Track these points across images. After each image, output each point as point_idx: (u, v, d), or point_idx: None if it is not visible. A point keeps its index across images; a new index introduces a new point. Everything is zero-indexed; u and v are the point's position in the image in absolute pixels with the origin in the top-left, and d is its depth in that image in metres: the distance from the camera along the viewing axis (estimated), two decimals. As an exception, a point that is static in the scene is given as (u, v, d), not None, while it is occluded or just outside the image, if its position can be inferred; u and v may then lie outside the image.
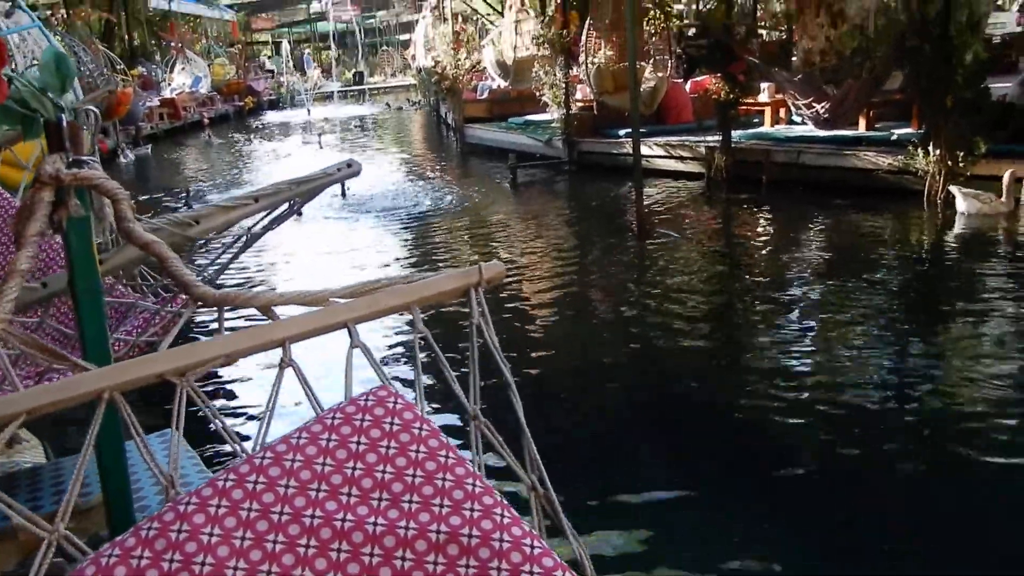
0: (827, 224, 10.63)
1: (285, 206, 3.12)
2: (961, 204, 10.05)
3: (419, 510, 1.78)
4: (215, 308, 2.12)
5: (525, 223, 12.04)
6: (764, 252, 9.64)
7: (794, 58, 15.47)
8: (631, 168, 11.04)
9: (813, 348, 6.29)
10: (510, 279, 8.39)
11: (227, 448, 4.34)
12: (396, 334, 6.63)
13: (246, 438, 3.30)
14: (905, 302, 7.37)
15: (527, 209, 13.26)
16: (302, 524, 1.75)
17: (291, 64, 45.76)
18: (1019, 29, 18.83)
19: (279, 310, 2.14)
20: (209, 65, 33.26)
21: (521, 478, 2.18)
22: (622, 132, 14.87)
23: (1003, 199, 9.73)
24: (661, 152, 14.32)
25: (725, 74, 12.87)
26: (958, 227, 9.77)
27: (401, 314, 2.12)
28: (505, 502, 1.82)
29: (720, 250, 9.84)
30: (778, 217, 11.29)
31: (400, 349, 6.42)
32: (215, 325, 2.15)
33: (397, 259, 10.24)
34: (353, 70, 51.06)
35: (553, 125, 16.72)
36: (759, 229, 10.94)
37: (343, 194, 13.42)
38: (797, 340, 6.46)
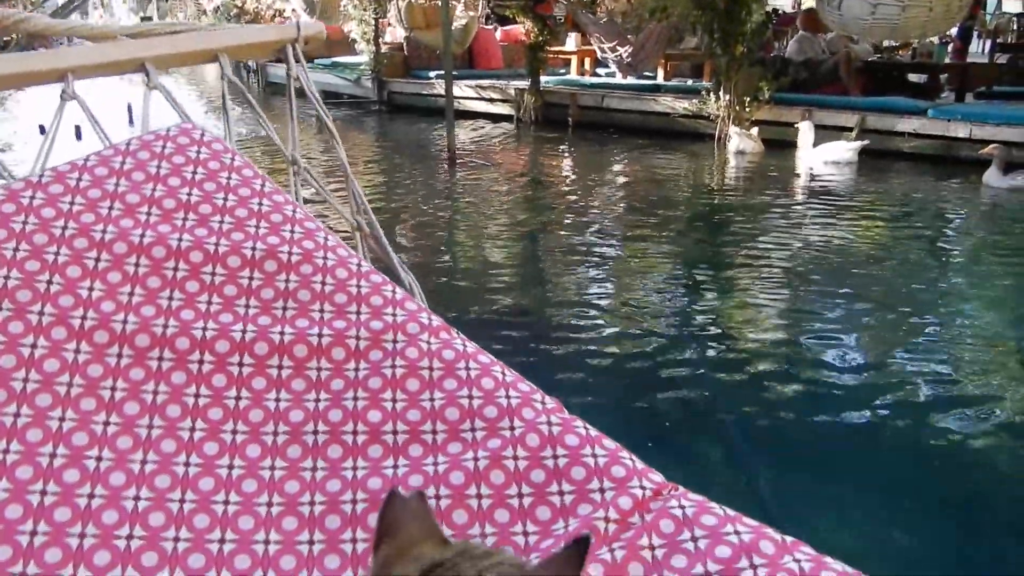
0: (627, 161, 11.14)
1: None
2: (736, 143, 10.90)
3: (232, 230, 1.61)
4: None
5: (331, 155, 11.63)
6: (568, 185, 9.93)
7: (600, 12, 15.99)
8: (442, 110, 10.98)
9: (606, 269, 6.58)
10: (314, 208, 8.05)
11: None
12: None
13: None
14: (692, 229, 7.85)
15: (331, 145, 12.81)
16: (91, 239, 1.53)
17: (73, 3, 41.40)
18: (792, 11, 20.75)
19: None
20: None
21: (347, 219, 2.06)
22: (433, 74, 14.74)
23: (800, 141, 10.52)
24: (472, 93, 14.34)
25: (534, 15, 13.08)
26: (733, 163, 10.58)
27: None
28: (325, 227, 1.68)
29: (527, 183, 10.03)
30: (582, 155, 11.69)
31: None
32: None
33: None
34: (140, 15, 47.21)
35: (362, 67, 16.27)
36: (565, 165, 11.26)
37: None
38: (592, 260, 6.73)
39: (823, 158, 9.99)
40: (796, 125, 10.37)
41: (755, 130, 11.03)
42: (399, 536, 0.70)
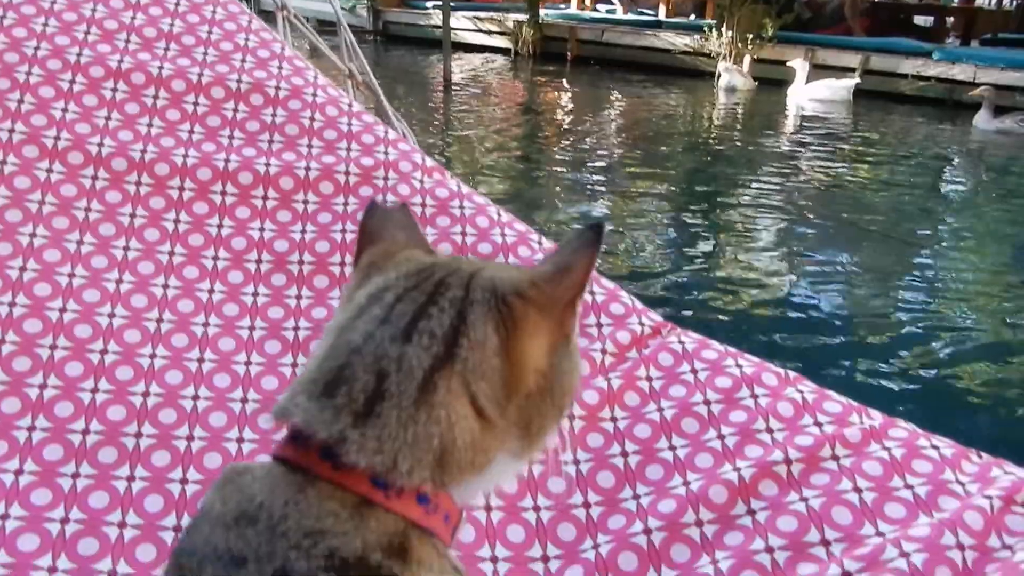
0: (624, 97, 10.97)
1: None
2: (725, 80, 10.73)
3: (216, 62, 1.53)
4: None
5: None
6: (565, 119, 9.78)
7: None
8: (437, 41, 10.77)
9: (599, 197, 6.50)
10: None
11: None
12: None
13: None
14: (684, 163, 7.76)
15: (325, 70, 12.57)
16: (65, 61, 1.45)
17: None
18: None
19: None
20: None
21: (337, 64, 1.98)
22: (429, 4, 14.40)
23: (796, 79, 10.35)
24: (469, 25, 14.03)
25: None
26: (723, 100, 10.44)
27: None
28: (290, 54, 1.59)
29: (524, 115, 9.88)
30: (580, 90, 11.50)
31: None
32: None
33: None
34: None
35: (357, -5, 15.90)
36: (562, 99, 11.08)
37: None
38: (586, 189, 6.65)
39: (812, 96, 9.84)
40: (789, 63, 10.19)
41: (747, 66, 10.84)
42: (383, 243, 0.64)
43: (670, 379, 1.20)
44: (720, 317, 4.10)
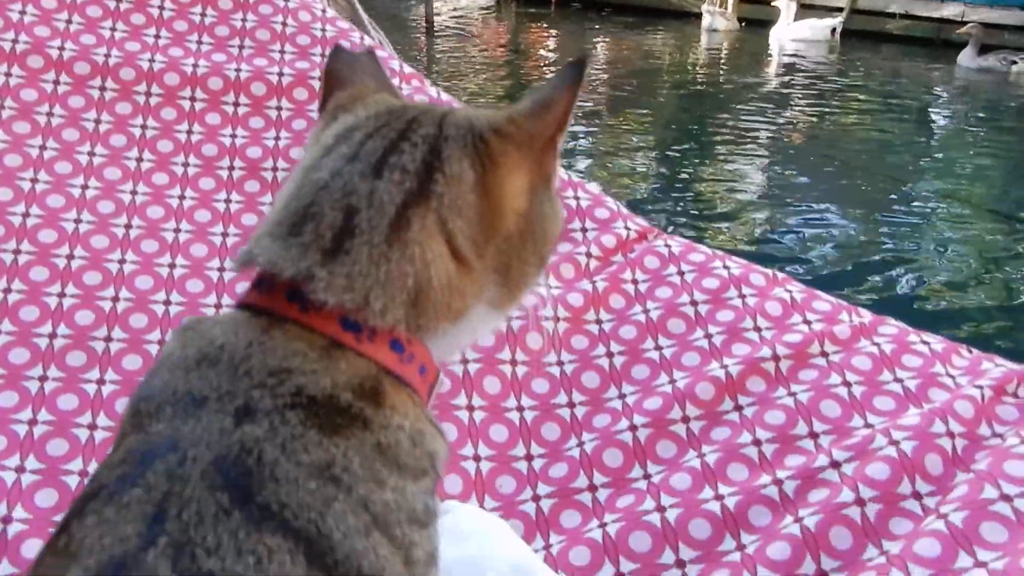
0: (609, 38, 10.79)
1: None
2: (708, 21, 10.59)
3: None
4: None
5: None
6: (549, 60, 9.62)
7: None
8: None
9: (587, 138, 6.42)
10: None
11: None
12: None
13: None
14: (669, 103, 7.68)
15: None
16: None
17: None
18: None
19: None
20: None
21: None
22: (411, -56, 14.06)
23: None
24: (451, -34, 13.72)
25: None
26: (704, 41, 10.31)
27: None
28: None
29: (508, 56, 9.72)
30: (564, 32, 11.30)
31: None
32: None
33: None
34: None
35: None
36: (546, 41, 10.90)
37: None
38: (570, 129, 6.55)
39: (794, 36, 9.72)
40: (774, 3, 10.04)
41: (731, 7, 10.68)
42: (352, 86, 0.60)
43: (656, 281, 1.18)
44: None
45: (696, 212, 4.76)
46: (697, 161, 5.73)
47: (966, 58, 8.57)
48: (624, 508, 0.94)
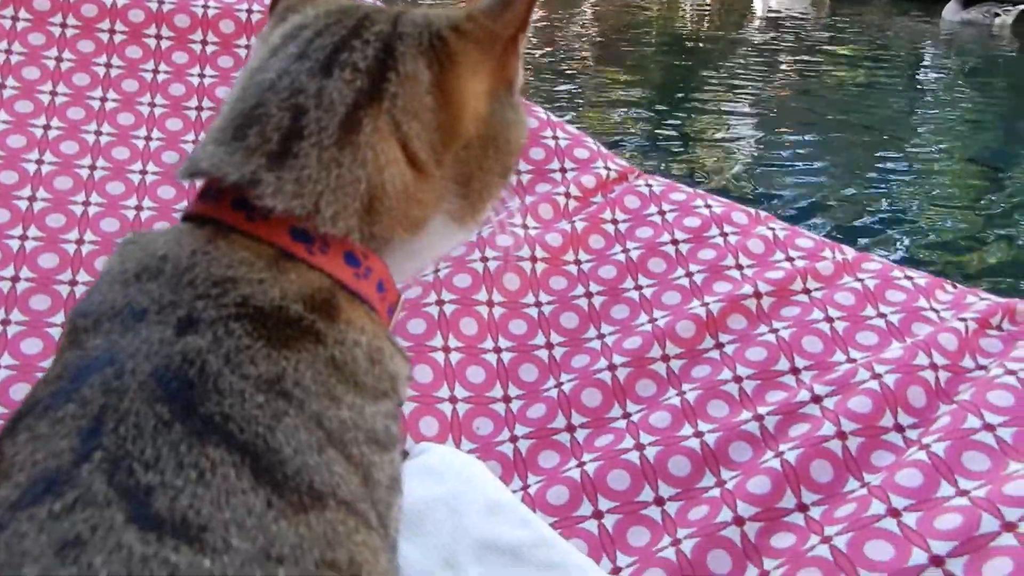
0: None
1: None
2: None
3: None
4: None
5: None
6: (533, 16, 9.49)
7: None
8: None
9: (572, 95, 6.36)
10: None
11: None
12: None
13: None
14: (655, 61, 7.61)
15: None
16: None
17: None
18: None
19: None
20: None
21: None
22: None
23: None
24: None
25: None
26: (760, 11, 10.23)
27: None
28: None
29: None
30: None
31: None
32: None
33: None
34: None
35: None
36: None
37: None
38: (555, 85, 6.50)
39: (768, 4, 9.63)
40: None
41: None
42: None
43: (637, 221, 1.15)
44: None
45: (683, 163, 4.73)
46: (683, 115, 5.68)
47: (950, 11, 8.51)
48: (603, 447, 0.92)
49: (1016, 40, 8.01)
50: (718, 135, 5.33)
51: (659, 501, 0.87)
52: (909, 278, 1.03)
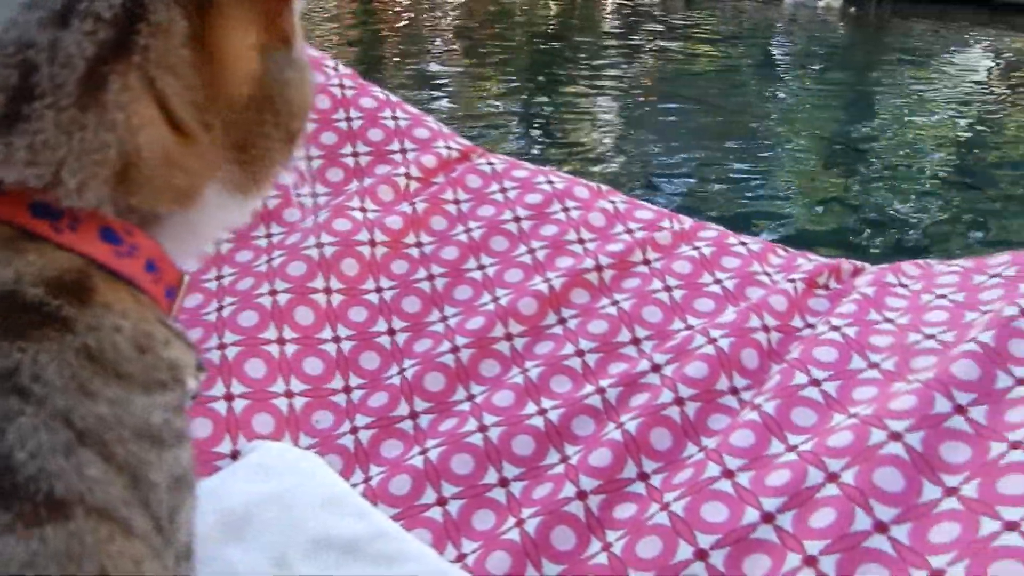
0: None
1: None
2: None
3: None
4: None
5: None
6: (398, 10, 9.40)
7: None
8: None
9: (440, 86, 6.33)
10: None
11: None
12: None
13: None
14: (523, 51, 7.67)
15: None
16: None
17: None
18: None
19: None
20: None
21: None
22: None
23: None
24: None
25: None
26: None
27: None
28: None
29: (355, 8, 9.41)
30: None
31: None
32: None
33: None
34: None
35: None
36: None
37: None
38: (424, 76, 6.47)
39: None
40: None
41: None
42: None
43: (479, 200, 1.13)
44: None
45: (551, 146, 4.78)
46: (549, 99, 5.75)
47: None
48: (446, 432, 0.90)
49: (843, 22, 8.54)
50: (584, 119, 5.42)
51: (503, 482, 0.85)
52: (743, 244, 1.05)
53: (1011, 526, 0.63)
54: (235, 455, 0.87)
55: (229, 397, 0.91)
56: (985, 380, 0.74)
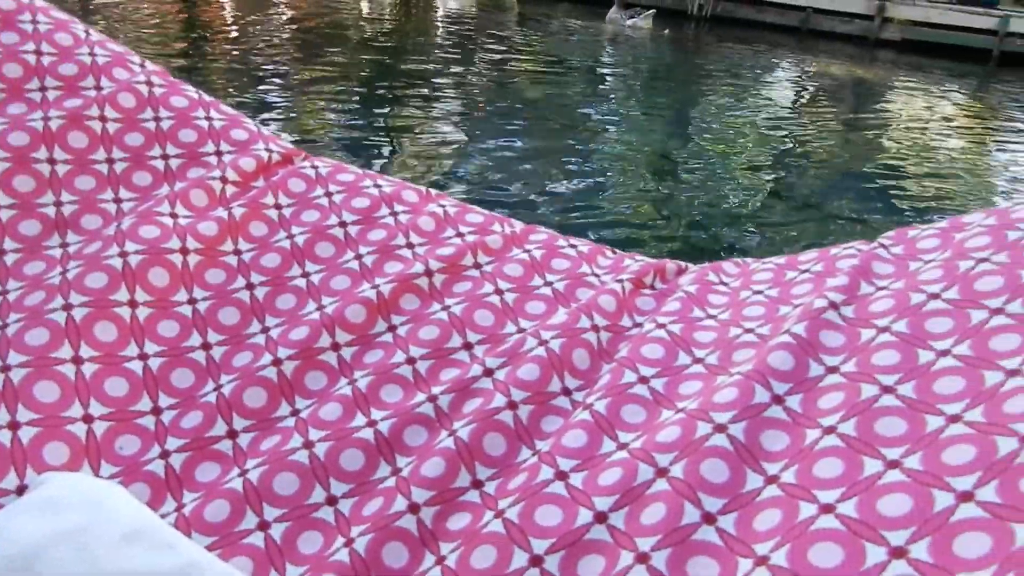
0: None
1: None
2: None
3: None
4: None
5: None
6: (227, 26, 9.01)
7: None
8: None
9: (274, 105, 6.14)
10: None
11: None
12: None
13: None
14: (363, 70, 7.58)
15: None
16: None
17: None
18: None
19: None
20: None
21: None
22: None
23: None
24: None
25: None
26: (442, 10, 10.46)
27: None
28: None
29: (179, 23, 8.97)
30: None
31: None
32: None
33: None
34: None
35: None
36: (223, 4, 10.20)
37: None
38: (257, 93, 6.24)
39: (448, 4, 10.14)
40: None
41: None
42: None
43: (302, 204, 1.07)
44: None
45: (383, 161, 4.73)
46: (386, 108, 5.70)
47: (615, 14, 9.51)
48: (268, 450, 0.83)
49: (659, 43, 9.07)
50: (416, 131, 5.39)
51: (331, 500, 0.80)
52: (573, 246, 1.05)
53: (827, 509, 0.65)
54: (21, 490, 0.77)
55: (14, 425, 0.80)
56: (799, 370, 0.77)
